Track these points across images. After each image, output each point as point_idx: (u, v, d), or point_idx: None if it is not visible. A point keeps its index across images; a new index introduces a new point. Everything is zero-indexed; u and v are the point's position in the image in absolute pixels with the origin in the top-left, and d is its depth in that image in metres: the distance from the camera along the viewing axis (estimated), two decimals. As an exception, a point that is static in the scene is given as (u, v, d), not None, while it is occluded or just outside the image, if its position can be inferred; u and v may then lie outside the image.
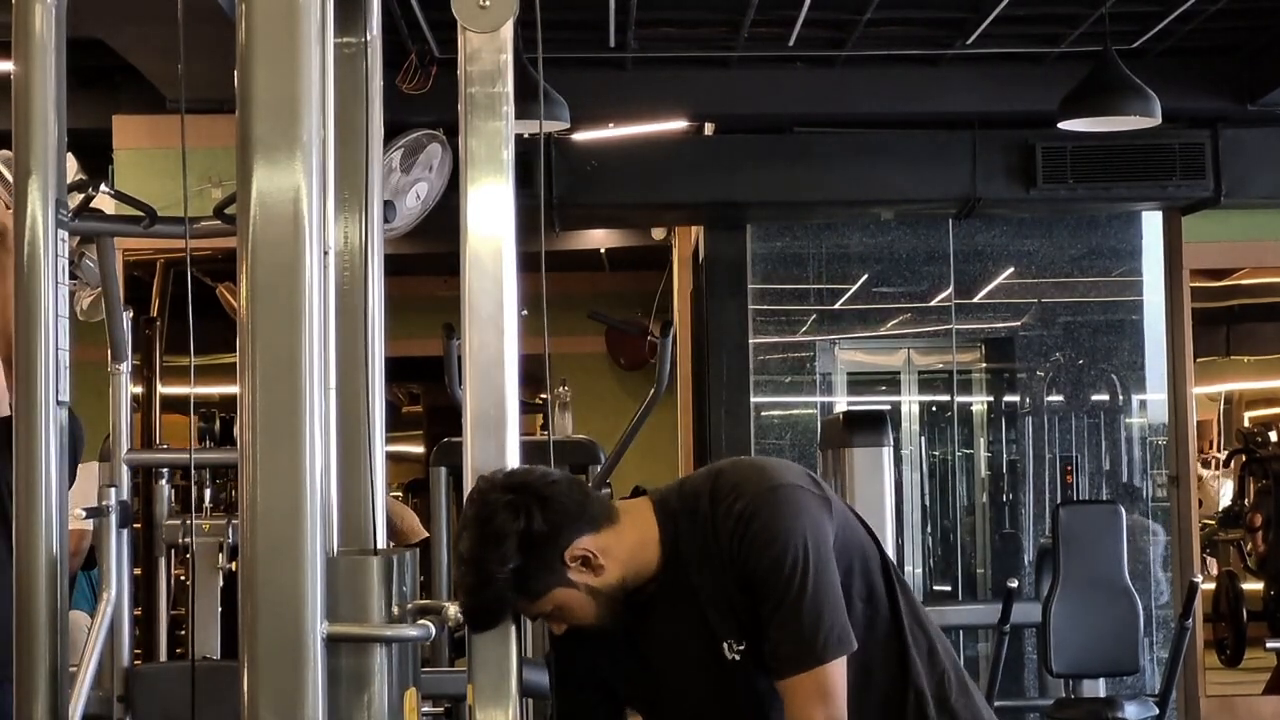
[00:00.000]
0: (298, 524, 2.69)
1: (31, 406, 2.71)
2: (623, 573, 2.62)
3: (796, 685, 2.51)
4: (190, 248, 4.83)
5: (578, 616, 2.64)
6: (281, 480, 2.68)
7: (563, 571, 2.60)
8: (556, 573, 2.60)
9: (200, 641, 6.07)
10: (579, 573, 2.61)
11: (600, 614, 2.64)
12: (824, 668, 2.50)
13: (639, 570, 2.63)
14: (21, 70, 2.78)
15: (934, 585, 9.30)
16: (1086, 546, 7.04)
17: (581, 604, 2.64)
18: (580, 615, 2.64)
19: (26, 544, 2.71)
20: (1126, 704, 6.91)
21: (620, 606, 2.64)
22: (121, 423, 5.62)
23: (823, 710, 2.49)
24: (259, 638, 2.55)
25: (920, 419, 9.59)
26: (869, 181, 8.53)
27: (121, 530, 5.36)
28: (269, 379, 2.68)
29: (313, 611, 2.66)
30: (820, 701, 2.49)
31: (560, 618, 2.63)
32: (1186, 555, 8.86)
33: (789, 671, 2.51)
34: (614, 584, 2.62)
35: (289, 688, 2.62)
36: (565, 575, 2.61)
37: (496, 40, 3.73)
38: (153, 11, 5.75)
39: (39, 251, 2.74)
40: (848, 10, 7.38)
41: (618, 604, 2.63)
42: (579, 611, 2.64)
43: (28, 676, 2.68)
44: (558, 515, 2.57)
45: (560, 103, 6.71)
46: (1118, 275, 9.14)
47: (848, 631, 2.54)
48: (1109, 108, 6.98)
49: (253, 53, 2.65)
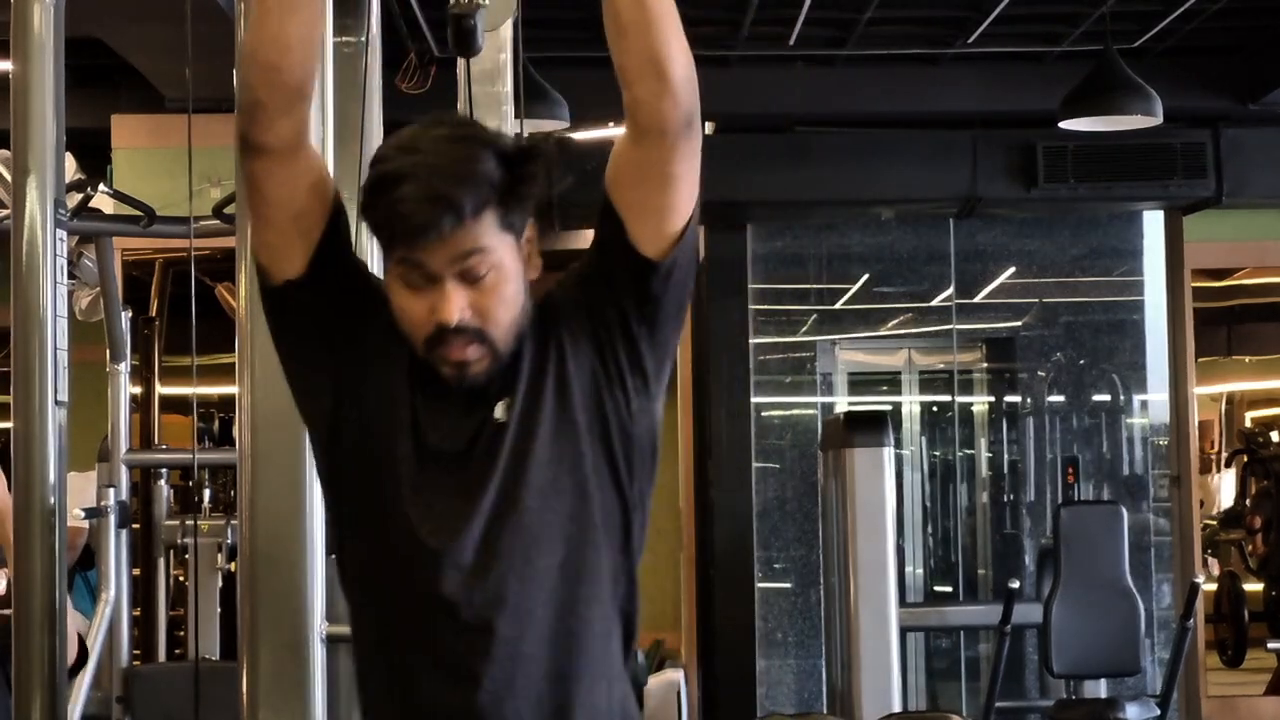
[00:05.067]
0: (298, 524, 2.69)
1: (30, 406, 2.70)
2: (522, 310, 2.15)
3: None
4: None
5: (500, 305, 2.09)
6: (281, 480, 2.68)
7: (523, 230, 2.14)
8: (522, 224, 2.13)
9: (199, 642, 6.06)
10: (526, 250, 2.15)
11: (509, 324, 2.11)
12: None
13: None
14: (20, 69, 2.77)
15: (935, 586, 9.29)
16: (1088, 547, 7.04)
17: (513, 292, 2.11)
18: (500, 306, 2.09)
19: (25, 544, 2.71)
20: (1128, 705, 6.91)
21: (503, 353, 2.12)
22: (120, 423, 5.62)
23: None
24: (259, 638, 2.54)
25: (921, 419, 9.58)
26: (870, 181, 8.51)
27: (120, 531, 5.36)
28: (268, 379, 2.67)
29: (313, 611, 2.65)
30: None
31: (488, 289, 2.08)
32: (1188, 556, 8.85)
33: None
34: (523, 310, 2.14)
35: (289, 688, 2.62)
36: (523, 237, 2.14)
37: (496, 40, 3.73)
38: (152, 10, 5.75)
39: (38, 251, 2.73)
40: (848, 9, 7.37)
41: (508, 341, 2.12)
42: (508, 298, 2.10)
43: (26, 677, 2.67)
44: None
45: (560, 102, 6.70)
46: (1119, 275, 9.13)
47: None
48: (1110, 107, 6.97)
49: (252, 51, 2.64)
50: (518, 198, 2.09)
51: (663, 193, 2.14)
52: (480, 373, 2.11)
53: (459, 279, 2.06)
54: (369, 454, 2.16)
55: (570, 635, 2.14)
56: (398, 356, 2.15)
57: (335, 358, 2.19)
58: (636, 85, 2.08)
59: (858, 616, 6.87)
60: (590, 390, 2.16)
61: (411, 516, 2.11)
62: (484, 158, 2.05)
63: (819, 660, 8.50)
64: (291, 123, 2.10)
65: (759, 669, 8.77)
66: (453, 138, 2.08)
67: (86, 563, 6.29)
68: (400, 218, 2.02)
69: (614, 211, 2.15)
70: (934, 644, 9.06)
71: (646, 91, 2.07)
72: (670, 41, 2.06)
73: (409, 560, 2.12)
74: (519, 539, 2.12)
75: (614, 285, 2.16)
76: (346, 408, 2.19)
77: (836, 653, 7.10)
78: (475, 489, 2.12)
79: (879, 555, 6.88)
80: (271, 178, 2.13)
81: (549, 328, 2.17)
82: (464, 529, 2.11)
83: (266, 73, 2.09)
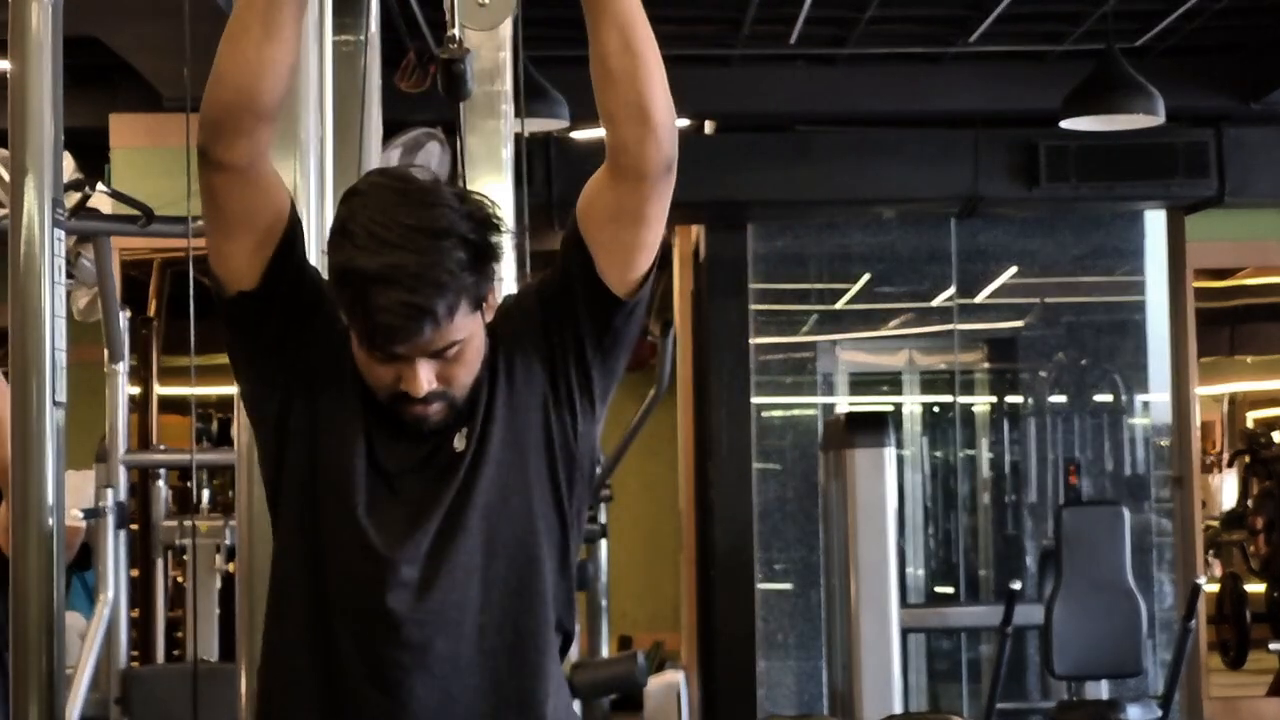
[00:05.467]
0: (296, 526, 2.66)
1: (28, 406, 2.69)
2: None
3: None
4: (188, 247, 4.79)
5: (464, 370, 2.14)
6: (280, 482, 2.66)
7: (488, 294, 2.17)
8: (487, 288, 2.15)
9: (198, 643, 6.05)
10: (487, 305, 2.18)
11: (470, 380, 2.16)
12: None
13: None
14: (18, 69, 2.75)
15: (936, 587, 9.29)
16: (1089, 548, 7.03)
17: (476, 353, 2.17)
18: (465, 372, 2.15)
19: (23, 544, 2.69)
20: (1129, 706, 6.90)
21: (462, 403, 2.16)
22: (119, 423, 5.60)
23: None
24: (258, 639, 2.52)
25: (922, 420, 9.58)
26: (871, 180, 8.50)
27: (119, 531, 5.34)
28: (267, 380, 2.65)
29: (312, 614, 2.63)
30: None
31: (455, 360, 2.13)
32: (1189, 557, 8.84)
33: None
34: (480, 363, 2.19)
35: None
36: (487, 300, 2.17)
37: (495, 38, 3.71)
38: (150, 10, 5.74)
39: (36, 251, 2.71)
40: (849, 8, 7.36)
41: (467, 391, 2.17)
42: (471, 362, 2.15)
43: (24, 679, 2.65)
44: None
45: (560, 101, 6.69)
46: (1121, 275, 9.12)
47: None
48: (1112, 106, 6.95)
49: (251, 49, 2.62)
50: (485, 278, 2.12)
51: (634, 231, 2.19)
52: (439, 422, 2.16)
53: (427, 357, 2.11)
54: (321, 467, 2.19)
55: (511, 652, 2.17)
56: (350, 376, 2.19)
57: (286, 371, 2.22)
58: (622, 129, 2.13)
59: (859, 618, 6.86)
60: (539, 411, 2.21)
61: (366, 528, 2.14)
62: (455, 254, 2.07)
63: (820, 661, 8.49)
64: (253, 143, 2.13)
65: (759, 670, 8.76)
66: (425, 229, 2.07)
67: (84, 563, 6.28)
68: (379, 326, 2.06)
69: (584, 244, 2.19)
70: (935, 645, 9.06)
71: (631, 136, 2.13)
72: (655, 89, 2.12)
73: (357, 572, 2.15)
74: (465, 558, 2.15)
75: (575, 313, 2.21)
76: (296, 419, 2.21)
77: (837, 654, 7.09)
78: (425, 509, 2.16)
79: (880, 556, 6.87)
80: (229, 192, 2.15)
81: (502, 349, 2.21)
82: (412, 545, 2.14)
83: (237, 95, 2.11)
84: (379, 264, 2.04)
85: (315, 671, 2.18)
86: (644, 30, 2.13)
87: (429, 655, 2.13)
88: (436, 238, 2.07)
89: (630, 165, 2.14)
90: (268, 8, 2.11)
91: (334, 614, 2.16)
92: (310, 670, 2.18)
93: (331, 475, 2.17)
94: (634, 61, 2.11)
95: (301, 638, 2.19)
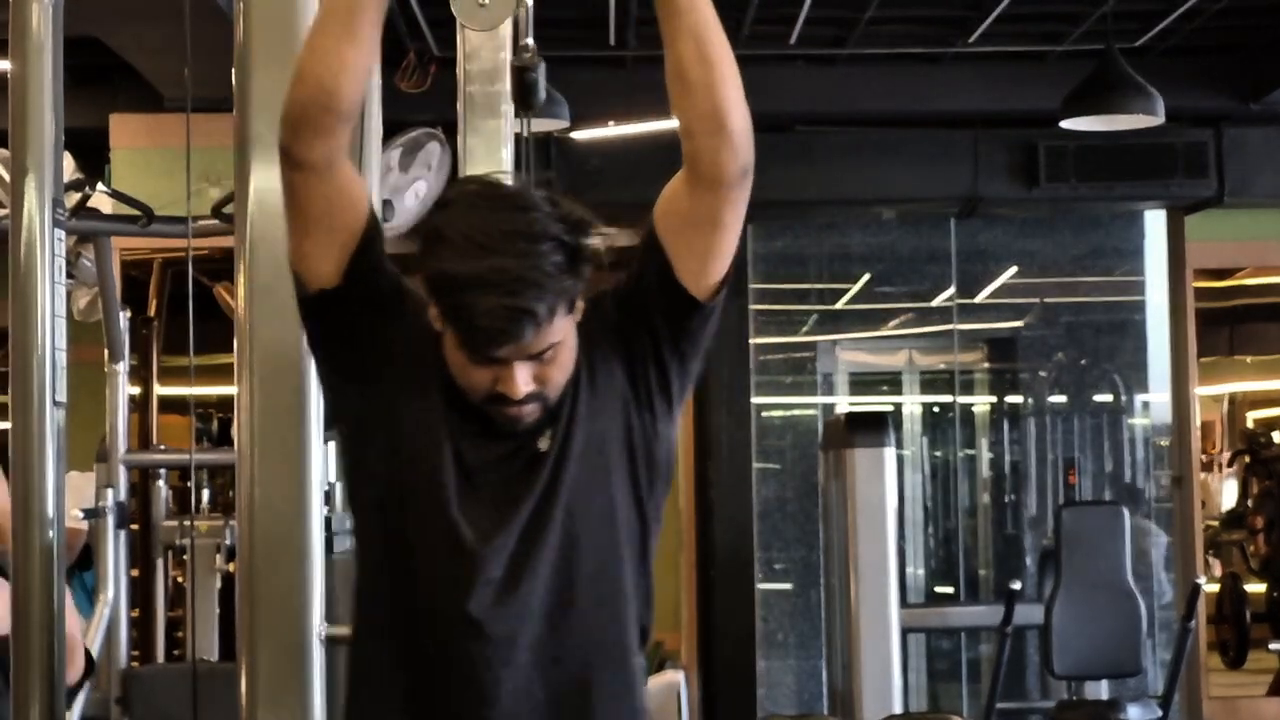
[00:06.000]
0: (296, 525, 2.67)
1: (28, 406, 2.69)
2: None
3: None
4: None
5: (559, 371, 2.18)
6: (280, 481, 2.67)
7: (580, 295, 2.18)
8: (580, 289, 2.17)
9: (198, 643, 6.05)
10: (578, 308, 2.21)
11: (564, 381, 2.19)
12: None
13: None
14: (18, 69, 2.76)
15: (936, 587, 9.29)
16: (1089, 548, 7.03)
17: (570, 354, 2.20)
18: (560, 373, 2.19)
19: (23, 545, 2.69)
20: (1129, 706, 6.90)
21: (553, 403, 2.20)
22: (119, 423, 5.60)
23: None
24: (258, 639, 2.53)
25: (922, 420, 9.58)
26: (870, 181, 8.51)
27: (119, 531, 5.34)
28: (268, 379, 2.66)
29: (312, 611, 2.64)
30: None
31: (551, 361, 2.16)
32: (1189, 556, 8.84)
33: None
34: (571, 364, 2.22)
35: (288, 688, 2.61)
36: (576, 305, 2.19)
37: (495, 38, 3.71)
38: (150, 10, 5.74)
39: (36, 251, 2.72)
40: (849, 8, 7.36)
41: (559, 392, 2.20)
42: (565, 364, 2.19)
43: (24, 678, 2.66)
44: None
45: (560, 101, 6.69)
46: (1120, 275, 9.12)
47: None
48: (1111, 106, 6.96)
49: (251, 52, 2.64)
50: (579, 279, 2.15)
51: (711, 236, 2.22)
52: (532, 423, 2.19)
53: (525, 359, 2.14)
54: (406, 462, 2.22)
55: (596, 649, 2.21)
56: (433, 371, 2.22)
57: (367, 367, 2.25)
58: (698, 137, 2.16)
59: (858, 617, 6.86)
60: (620, 413, 2.25)
61: (457, 521, 2.17)
62: (552, 257, 2.10)
63: (819, 661, 8.49)
64: (332, 142, 2.17)
65: (759, 670, 8.76)
66: (521, 233, 2.09)
67: (85, 563, 6.28)
68: (481, 330, 2.09)
69: (660, 248, 2.23)
70: (935, 645, 9.06)
71: (707, 145, 2.16)
72: (730, 98, 2.15)
73: (444, 565, 2.17)
74: (549, 555, 2.18)
75: (652, 316, 2.24)
76: (377, 414, 2.24)
77: (837, 654, 7.10)
78: (510, 506, 2.19)
79: (880, 556, 6.87)
80: (309, 190, 2.18)
81: (583, 351, 2.23)
82: (498, 541, 2.17)
83: (317, 94, 2.14)
84: (478, 269, 2.07)
85: (401, 664, 2.21)
86: (718, 39, 2.14)
87: (514, 650, 2.16)
88: (533, 241, 2.09)
89: (706, 173, 2.17)
90: (348, 11, 2.15)
91: (419, 607, 2.20)
92: (396, 663, 2.21)
93: (418, 469, 2.20)
94: (709, 71, 2.13)
95: (387, 629, 2.22)
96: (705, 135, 2.15)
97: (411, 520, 2.20)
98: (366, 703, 2.26)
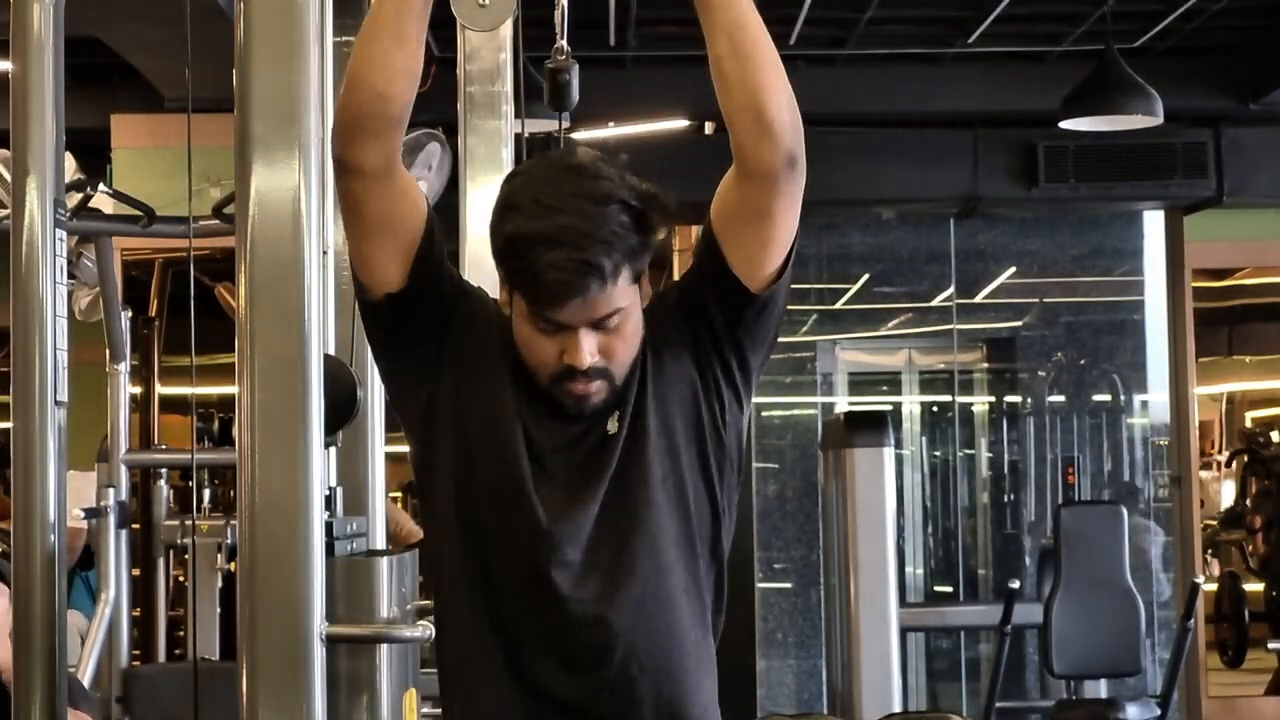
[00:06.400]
0: (297, 524, 2.68)
1: (29, 406, 2.70)
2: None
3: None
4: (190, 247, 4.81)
5: (624, 345, 2.20)
6: (281, 480, 2.67)
7: (646, 267, 2.23)
8: (646, 259, 2.21)
9: (199, 643, 6.05)
10: (645, 287, 2.25)
11: (630, 359, 2.22)
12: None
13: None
14: (19, 69, 2.76)
15: (935, 586, 9.29)
16: (1088, 547, 7.04)
17: (635, 330, 2.22)
18: (625, 348, 2.21)
19: (24, 545, 2.70)
20: (1128, 705, 6.91)
21: (621, 383, 2.22)
22: (120, 423, 5.61)
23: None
24: (258, 639, 2.54)
25: (921, 419, 9.58)
26: (870, 181, 8.51)
27: (120, 531, 5.35)
28: (268, 379, 2.66)
29: (313, 611, 2.65)
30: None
31: (616, 333, 2.19)
32: (1188, 556, 8.85)
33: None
34: (638, 345, 2.24)
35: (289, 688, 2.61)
36: (643, 276, 2.23)
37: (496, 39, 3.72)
38: (151, 10, 5.75)
39: (37, 251, 2.72)
40: (849, 9, 7.37)
41: (626, 372, 2.22)
42: (630, 338, 2.21)
43: (25, 677, 2.66)
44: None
45: (560, 102, 6.69)
46: (1119, 275, 9.13)
47: None
48: (1111, 107, 6.97)
49: (252, 52, 2.64)
50: (646, 249, 2.19)
51: (762, 228, 2.23)
52: (599, 403, 2.21)
53: (590, 327, 2.17)
54: (479, 450, 2.24)
55: (671, 634, 2.23)
56: (501, 361, 2.25)
57: (434, 365, 2.27)
58: (739, 131, 2.19)
59: (858, 617, 6.87)
60: (689, 401, 2.27)
61: (535, 504, 2.19)
62: (621, 218, 2.15)
63: (819, 660, 8.50)
64: (387, 146, 2.19)
65: (759, 669, 8.77)
66: (589, 195, 2.15)
67: (86, 563, 6.28)
68: (547, 284, 2.12)
69: (715, 241, 2.25)
70: (934, 644, 9.07)
71: (747, 138, 2.18)
72: (768, 91, 2.18)
73: (523, 547, 2.20)
74: (624, 539, 2.21)
75: (710, 307, 2.26)
76: (447, 409, 2.27)
77: (837, 653, 7.10)
78: (584, 493, 2.21)
79: (879, 555, 6.88)
80: (368, 196, 2.20)
81: (651, 342, 2.26)
82: (573, 524, 2.19)
83: (373, 100, 2.16)
84: (545, 227, 2.12)
85: (500, 644, 2.24)
86: (755, 33, 2.19)
87: (606, 635, 2.19)
88: (600, 203, 2.14)
89: (750, 165, 2.19)
90: (396, 17, 2.17)
91: (500, 590, 2.22)
92: (493, 643, 2.24)
93: (492, 455, 2.22)
94: (744, 65, 2.17)
95: (476, 612, 2.25)
96: (744, 129, 2.17)
97: (486, 506, 2.22)
98: (471, 678, 2.29)
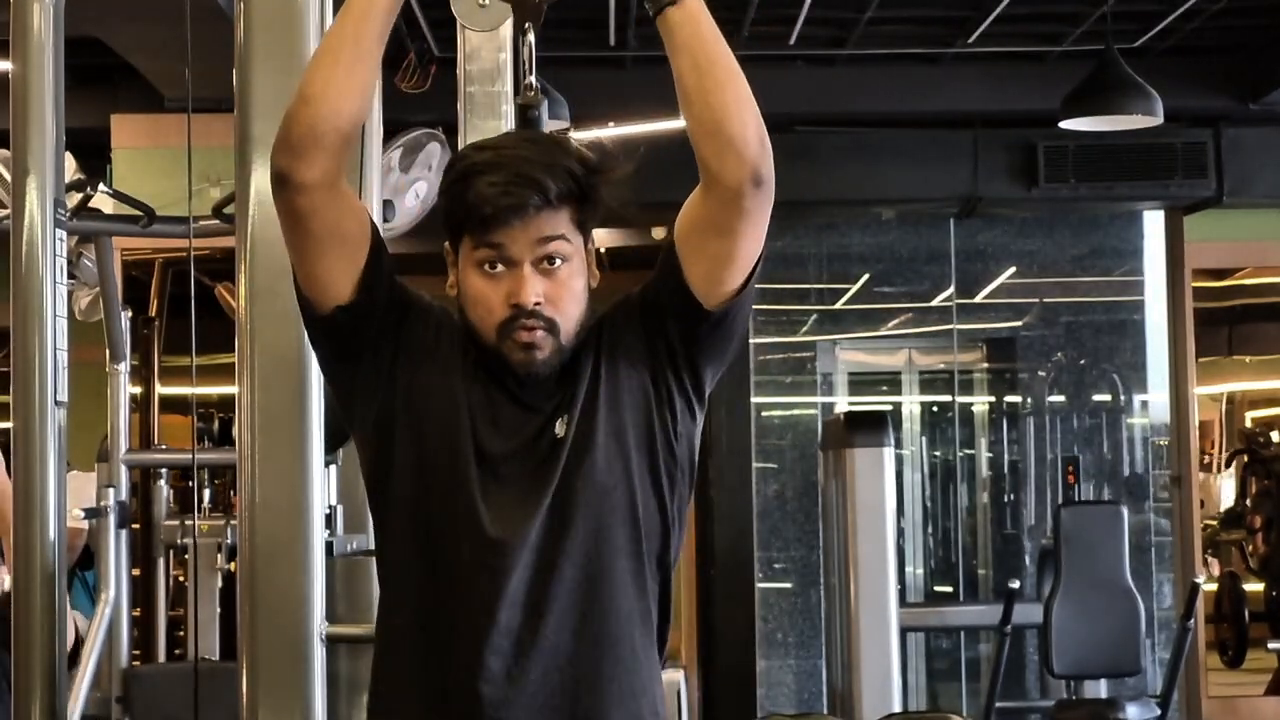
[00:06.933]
0: (297, 524, 2.68)
1: (30, 406, 2.70)
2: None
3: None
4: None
5: (569, 295, 2.20)
6: (281, 481, 2.67)
7: (590, 237, 2.26)
8: (591, 229, 2.25)
9: (199, 643, 6.05)
10: (589, 258, 2.27)
11: (575, 318, 2.21)
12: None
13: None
14: (19, 69, 2.77)
15: (935, 586, 9.29)
16: (1088, 547, 7.03)
17: (581, 287, 2.23)
18: (569, 298, 2.20)
19: (24, 544, 2.70)
20: (1128, 705, 6.91)
21: (566, 348, 2.22)
22: (120, 423, 5.61)
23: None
24: (258, 638, 2.54)
25: (921, 419, 9.58)
26: (870, 181, 8.51)
27: (120, 531, 5.35)
28: (268, 379, 2.67)
29: (312, 611, 2.65)
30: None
31: (558, 278, 2.19)
32: (1188, 556, 8.85)
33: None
34: (586, 312, 2.25)
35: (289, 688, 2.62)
36: (590, 240, 2.26)
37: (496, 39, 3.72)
38: (151, 10, 5.75)
39: (37, 251, 2.73)
40: (849, 9, 7.37)
41: (571, 337, 2.22)
42: (576, 292, 2.22)
43: (26, 677, 2.67)
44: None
45: (560, 102, 6.69)
46: (1119, 275, 9.12)
47: None
48: (1111, 107, 6.97)
49: (251, 52, 2.64)
50: (592, 201, 2.21)
51: (722, 243, 2.23)
52: (545, 361, 2.19)
53: (535, 267, 2.17)
54: (429, 456, 2.22)
55: (613, 643, 2.21)
56: (450, 365, 2.24)
57: (385, 373, 2.26)
58: (700, 146, 2.18)
59: (858, 617, 6.87)
60: (641, 409, 2.26)
61: (481, 512, 2.18)
62: (567, 155, 2.20)
63: (819, 660, 8.50)
64: (336, 160, 2.19)
65: (759, 669, 8.77)
66: (535, 139, 2.25)
67: (86, 563, 6.28)
68: (488, 199, 2.14)
69: (675, 253, 2.24)
70: (934, 644, 9.06)
71: (709, 152, 2.17)
72: (730, 106, 2.16)
73: (470, 555, 2.18)
74: (570, 545, 2.19)
75: (666, 319, 2.25)
76: (398, 416, 2.25)
77: (837, 653, 7.10)
78: (531, 494, 2.19)
79: (879, 555, 6.88)
80: (314, 211, 2.19)
81: (606, 346, 2.25)
82: (521, 531, 2.17)
83: (331, 116, 2.16)
84: (490, 156, 2.19)
85: (424, 654, 2.21)
86: (714, 50, 2.16)
87: (535, 642, 2.16)
88: (549, 143, 2.24)
89: (713, 180, 2.18)
90: (356, 34, 2.18)
91: (446, 596, 2.19)
92: (420, 652, 2.21)
93: (443, 462, 2.21)
94: (703, 80, 2.15)
95: (413, 625, 2.22)
96: (705, 143, 2.16)
97: (437, 512, 2.21)
98: (388, 698, 2.25)
